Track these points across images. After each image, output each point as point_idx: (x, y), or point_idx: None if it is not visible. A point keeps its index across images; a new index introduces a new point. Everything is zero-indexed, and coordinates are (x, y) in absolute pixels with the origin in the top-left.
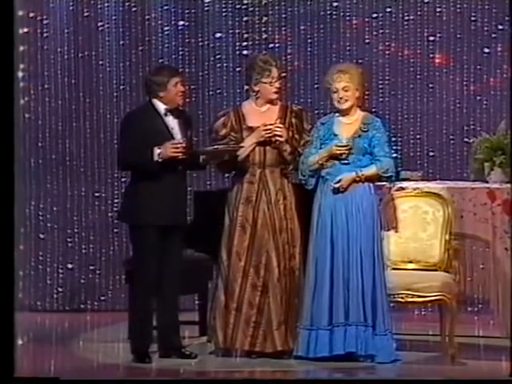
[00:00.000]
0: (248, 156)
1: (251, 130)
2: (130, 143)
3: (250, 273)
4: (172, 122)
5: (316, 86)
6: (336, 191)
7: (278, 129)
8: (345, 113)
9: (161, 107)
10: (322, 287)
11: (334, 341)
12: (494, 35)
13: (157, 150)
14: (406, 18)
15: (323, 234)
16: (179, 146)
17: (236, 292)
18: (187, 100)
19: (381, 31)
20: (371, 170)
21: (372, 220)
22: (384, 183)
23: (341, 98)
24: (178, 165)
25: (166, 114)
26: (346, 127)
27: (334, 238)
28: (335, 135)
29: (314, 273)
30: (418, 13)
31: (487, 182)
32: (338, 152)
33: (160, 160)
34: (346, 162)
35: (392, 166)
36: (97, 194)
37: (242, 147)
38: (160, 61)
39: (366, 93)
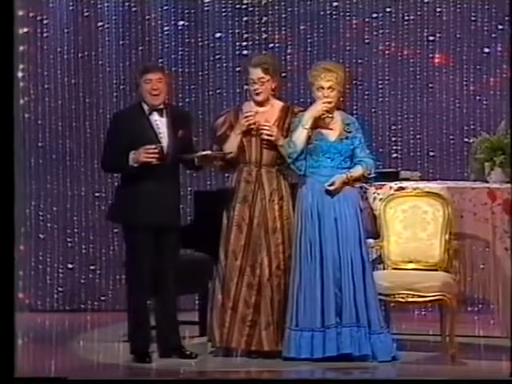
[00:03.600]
0: (245, 155)
1: (249, 128)
2: (111, 145)
3: (247, 272)
4: (159, 122)
5: None
6: (327, 192)
7: (266, 128)
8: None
9: (146, 106)
10: (314, 289)
11: (327, 342)
12: (493, 35)
13: (131, 155)
14: (406, 17)
15: (311, 236)
16: (151, 151)
17: (232, 291)
18: (173, 99)
19: (381, 31)
20: (358, 172)
21: (358, 222)
22: (384, 183)
23: (325, 98)
24: (167, 164)
25: (150, 114)
26: (332, 127)
27: (323, 240)
28: (322, 134)
29: (303, 274)
30: (418, 13)
31: (487, 182)
32: (326, 108)
33: (135, 165)
34: (332, 162)
35: (373, 166)
36: (97, 194)
37: (231, 153)
38: (160, 61)
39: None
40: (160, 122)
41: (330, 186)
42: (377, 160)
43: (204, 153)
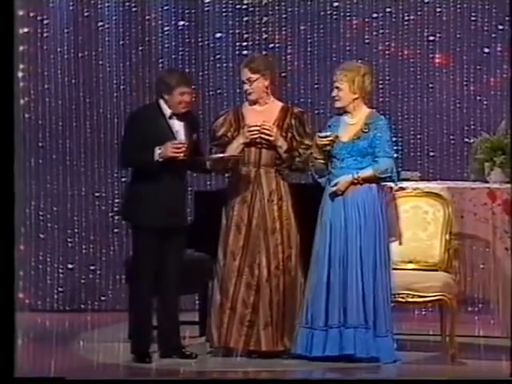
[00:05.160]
0: (244, 156)
1: (253, 140)
2: (132, 142)
3: (245, 272)
4: (177, 125)
5: (316, 86)
6: (334, 194)
7: (266, 127)
8: (346, 112)
9: (166, 109)
10: (321, 289)
11: (329, 341)
12: (494, 35)
13: (157, 150)
14: (406, 17)
15: (322, 236)
16: (180, 146)
17: (230, 291)
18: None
19: (381, 31)
20: (368, 172)
21: (374, 221)
22: (385, 184)
23: (333, 97)
24: (178, 166)
25: (170, 117)
26: (350, 128)
27: (332, 240)
28: (337, 137)
29: (315, 274)
30: (418, 13)
31: (487, 182)
32: (321, 143)
33: (160, 160)
34: (342, 163)
35: (391, 166)
36: (97, 194)
37: (242, 156)
38: (160, 61)
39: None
40: (178, 125)
41: (333, 186)
42: None
43: (219, 155)
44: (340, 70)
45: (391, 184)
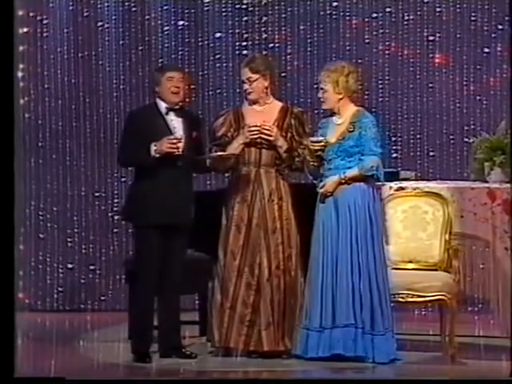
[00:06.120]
0: (244, 155)
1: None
2: (130, 141)
3: (245, 272)
4: (175, 122)
5: (316, 85)
6: (324, 196)
7: (266, 127)
8: (334, 113)
9: (162, 106)
10: (316, 289)
11: (321, 342)
12: (493, 35)
13: (153, 147)
14: (406, 18)
15: (317, 237)
16: (175, 141)
17: (230, 291)
18: (186, 99)
19: (381, 31)
20: (353, 172)
21: (365, 220)
22: (380, 183)
23: (319, 99)
24: (178, 164)
25: (167, 113)
26: (337, 129)
27: (325, 241)
28: (328, 142)
29: (311, 274)
30: (418, 13)
31: (487, 182)
32: (313, 148)
33: (157, 156)
34: (330, 164)
35: (376, 163)
36: (97, 194)
37: (242, 154)
38: (160, 61)
39: (360, 92)
40: (176, 122)
41: (321, 188)
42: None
43: (218, 153)
44: (323, 71)
45: (391, 184)
